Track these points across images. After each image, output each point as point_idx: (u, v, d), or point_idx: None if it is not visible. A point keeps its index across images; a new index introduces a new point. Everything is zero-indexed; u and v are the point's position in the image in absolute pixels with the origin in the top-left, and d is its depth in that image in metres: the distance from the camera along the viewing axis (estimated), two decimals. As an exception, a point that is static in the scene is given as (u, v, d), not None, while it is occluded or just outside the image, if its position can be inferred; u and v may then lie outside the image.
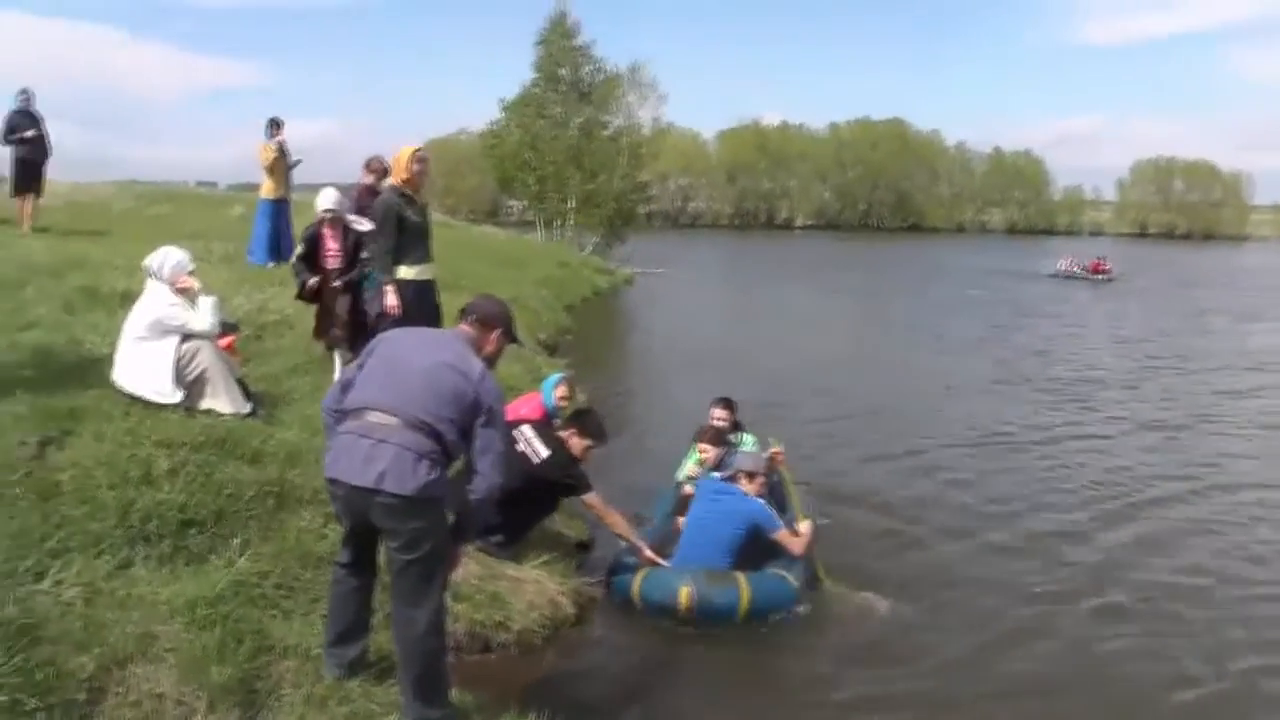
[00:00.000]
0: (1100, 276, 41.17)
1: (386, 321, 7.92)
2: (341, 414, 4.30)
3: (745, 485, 6.93)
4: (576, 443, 6.85)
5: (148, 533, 5.07)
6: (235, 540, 5.31)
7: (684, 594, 6.11)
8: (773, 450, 8.02)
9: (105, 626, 4.20)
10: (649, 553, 6.68)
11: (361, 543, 4.45)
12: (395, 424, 4.11)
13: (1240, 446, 12.22)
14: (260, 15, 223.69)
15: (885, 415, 13.30)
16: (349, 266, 9.00)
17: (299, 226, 15.59)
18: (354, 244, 9.06)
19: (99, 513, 5.03)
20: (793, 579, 6.56)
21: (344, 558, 4.52)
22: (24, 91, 14.66)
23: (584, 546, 7.45)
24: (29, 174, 14.50)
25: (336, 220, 9.14)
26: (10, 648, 3.84)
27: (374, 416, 4.15)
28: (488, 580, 6.01)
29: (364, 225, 8.94)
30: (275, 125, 14.44)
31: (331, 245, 9.09)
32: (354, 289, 8.97)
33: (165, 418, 6.29)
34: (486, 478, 4.29)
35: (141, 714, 3.89)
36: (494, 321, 4.72)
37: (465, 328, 4.65)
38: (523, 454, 6.59)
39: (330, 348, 9.04)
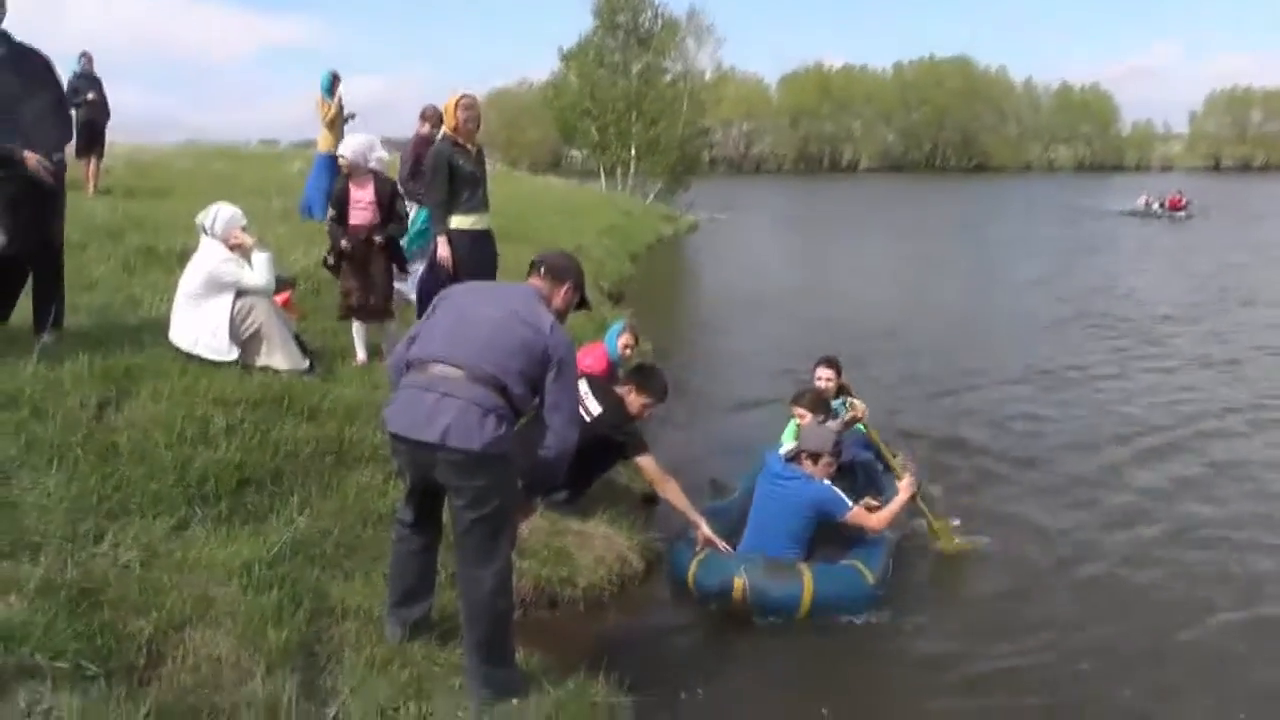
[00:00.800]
0: (1180, 214, 39.30)
1: (442, 274, 7.82)
2: (406, 367, 4.17)
3: (809, 467, 6.16)
4: (634, 399, 6.49)
5: (205, 492, 5.01)
6: (293, 499, 5.25)
7: (738, 585, 5.54)
8: (850, 413, 7.20)
9: (163, 590, 4.13)
10: (705, 530, 6.02)
11: (425, 500, 4.32)
12: (460, 376, 3.96)
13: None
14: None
15: (960, 356, 12.89)
16: (385, 220, 7.66)
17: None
18: (390, 193, 7.71)
19: (156, 473, 4.98)
20: (870, 574, 5.75)
21: (406, 516, 4.38)
22: (84, 55, 14.87)
23: (651, 500, 7.28)
24: (91, 136, 14.59)
25: (358, 169, 7.58)
26: (71, 612, 3.79)
27: (438, 369, 4.01)
28: (554, 536, 5.87)
29: (379, 154, 7.83)
30: (334, 79, 14.37)
31: (359, 196, 7.61)
32: (393, 247, 7.81)
33: (222, 375, 6.23)
34: (560, 435, 4.16)
35: (199, 678, 3.80)
36: (564, 275, 4.55)
37: (535, 281, 4.49)
38: None
39: (366, 320, 7.84)
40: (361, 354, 7.72)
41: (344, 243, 7.56)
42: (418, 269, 8.46)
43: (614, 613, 5.69)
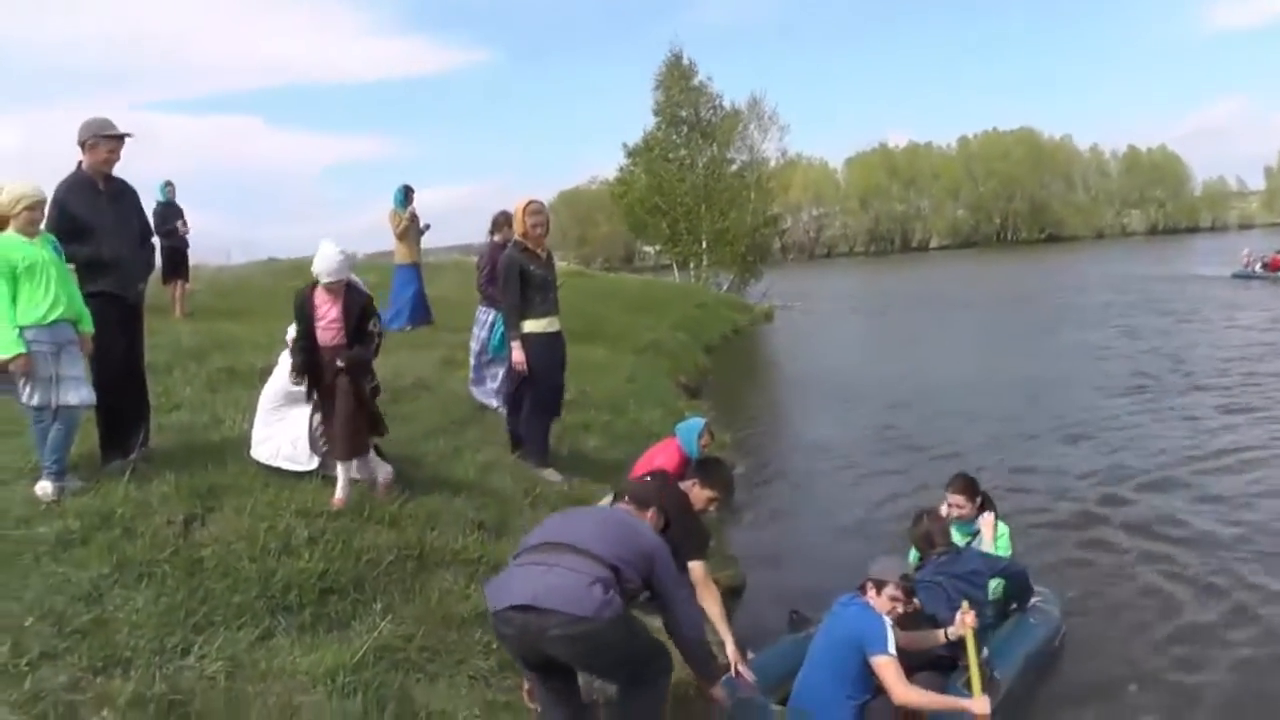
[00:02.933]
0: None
1: (515, 378, 7.96)
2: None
3: (872, 596, 5.11)
4: (698, 493, 6.08)
5: (288, 602, 5.09)
6: (376, 605, 5.29)
7: None
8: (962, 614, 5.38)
9: (248, 700, 4.19)
10: (736, 660, 5.34)
11: (551, 683, 4.36)
12: (568, 552, 4.12)
13: None
14: (382, 88, 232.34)
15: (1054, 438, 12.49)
16: (352, 341, 6.45)
17: (430, 288, 15.97)
18: (359, 310, 6.48)
19: (241, 585, 5.08)
20: None
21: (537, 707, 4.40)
22: (168, 184, 15.47)
23: (737, 592, 7.20)
24: (177, 261, 15.16)
25: (335, 286, 6.38)
26: (160, 724, 3.86)
27: (542, 552, 4.17)
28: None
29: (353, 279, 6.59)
30: (408, 193, 14.84)
31: (325, 312, 6.45)
32: (360, 371, 6.50)
33: (303, 487, 6.36)
34: (689, 615, 4.46)
35: (287, 787, 3.84)
36: (649, 500, 4.87)
37: (624, 506, 4.80)
38: None
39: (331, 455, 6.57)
40: (340, 493, 6.35)
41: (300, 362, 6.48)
42: (497, 372, 8.59)
43: (699, 707, 5.60)
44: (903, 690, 4.79)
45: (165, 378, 9.04)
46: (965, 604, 5.35)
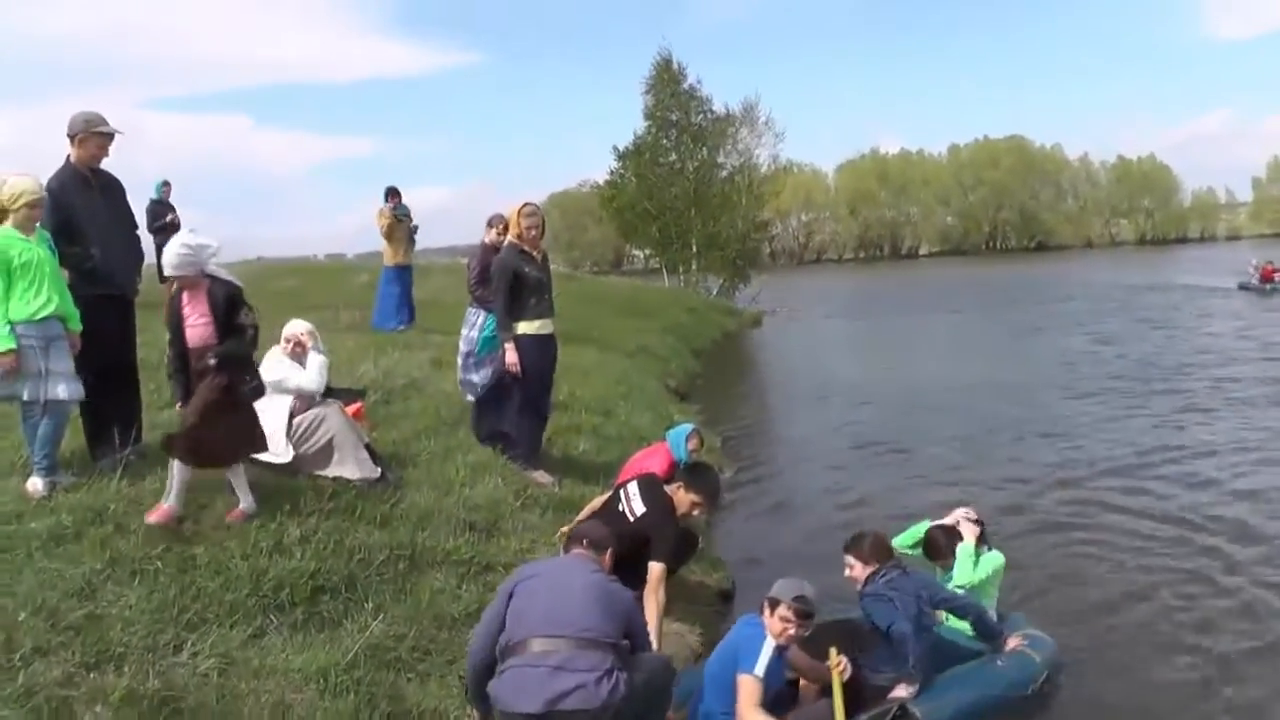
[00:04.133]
0: (1268, 285, 34.17)
1: (508, 379, 7.98)
2: (501, 655, 4.30)
3: (766, 616, 4.85)
4: (683, 497, 6.16)
5: (280, 601, 5.12)
6: (368, 604, 5.32)
7: None
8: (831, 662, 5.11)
9: (240, 696, 4.22)
10: None
11: None
12: (565, 645, 4.16)
13: None
14: (371, 87, 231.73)
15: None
16: (223, 336, 5.89)
17: (420, 290, 15.98)
18: (225, 302, 5.91)
19: (233, 583, 5.10)
20: None
21: None
22: (166, 182, 15.50)
23: (726, 596, 7.24)
24: (170, 259, 15.18)
25: (190, 280, 5.89)
26: (153, 720, 3.88)
27: (539, 645, 4.18)
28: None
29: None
30: (392, 193, 14.88)
31: (191, 310, 5.94)
32: (230, 366, 5.85)
33: (295, 487, 6.37)
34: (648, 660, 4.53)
35: (279, 784, 3.86)
36: (604, 542, 4.89)
37: (580, 552, 4.78)
38: (622, 513, 6.21)
39: (201, 464, 5.84)
40: (245, 500, 5.94)
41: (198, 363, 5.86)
42: (485, 372, 8.63)
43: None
44: (749, 712, 4.60)
45: (157, 374, 9.04)
46: (833, 651, 5.06)
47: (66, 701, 3.90)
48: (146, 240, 8.74)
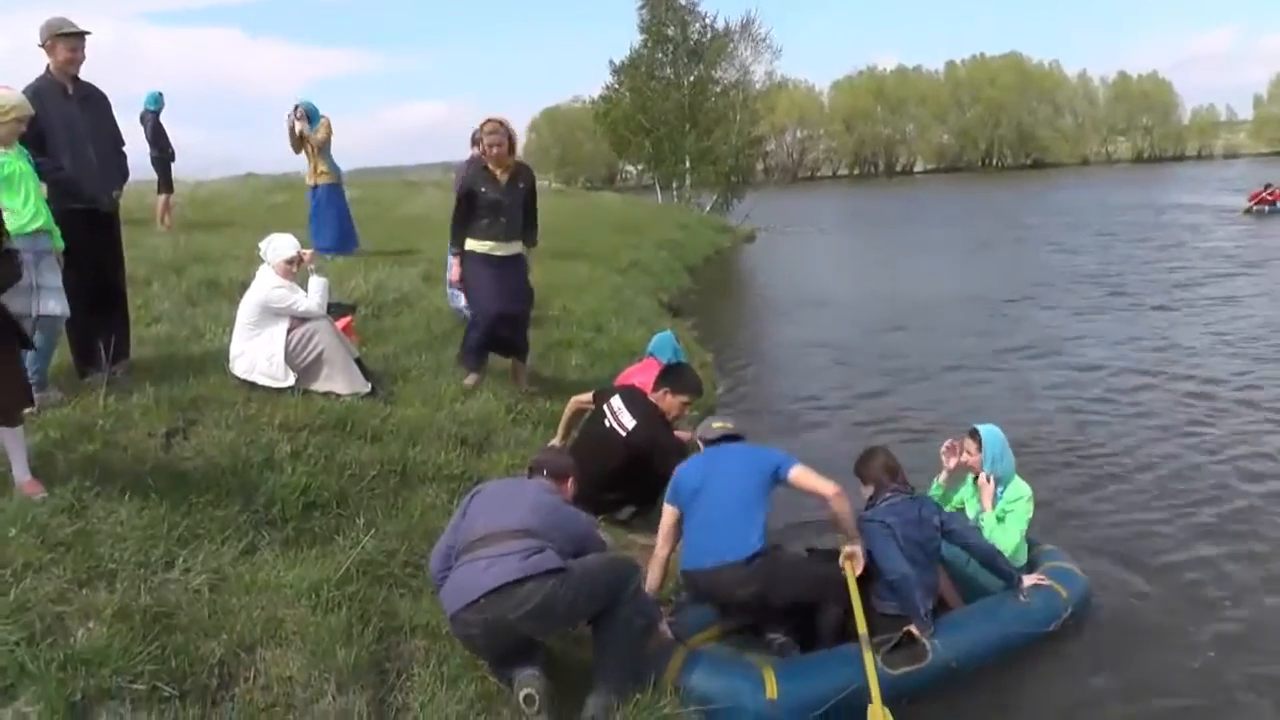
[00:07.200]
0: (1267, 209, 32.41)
1: (456, 287, 8.04)
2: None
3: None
4: (670, 401, 6.34)
5: (272, 517, 5.12)
6: (359, 520, 5.31)
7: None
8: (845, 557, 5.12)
9: (233, 612, 4.21)
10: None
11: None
12: (501, 537, 4.23)
13: None
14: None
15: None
16: None
17: (412, 206, 15.69)
18: None
19: (224, 499, 5.08)
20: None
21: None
22: (160, 97, 15.05)
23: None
24: (165, 173, 14.97)
25: None
26: (146, 636, 3.89)
27: (483, 546, 4.25)
28: (622, 550, 5.86)
29: None
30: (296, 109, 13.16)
31: None
32: None
33: (285, 401, 6.34)
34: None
35: (271, 697, 3.88)
36: (565, 472, 4.93)
37: (543, 481, 4.81)
38: (611, 429, 6.25)
39: None
40: (20, 471, 4.78)
41: None
42: None
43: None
44: (823, 485, 5.08)
45: (144, 290, 8.98)
46: (848, 548, 5.06)
47: (59, 617, 3.89)
48: (141, 156, 8.59)
